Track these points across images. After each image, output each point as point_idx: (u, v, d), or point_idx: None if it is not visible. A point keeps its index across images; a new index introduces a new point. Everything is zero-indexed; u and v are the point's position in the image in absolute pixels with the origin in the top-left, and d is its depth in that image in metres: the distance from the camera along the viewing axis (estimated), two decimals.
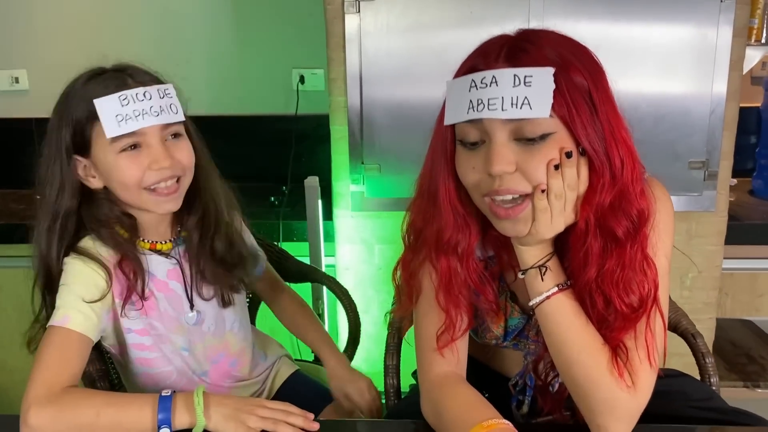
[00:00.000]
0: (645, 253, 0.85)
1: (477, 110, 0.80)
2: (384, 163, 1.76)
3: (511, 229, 0.85)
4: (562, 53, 0.81)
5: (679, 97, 1.71)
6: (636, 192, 0.84)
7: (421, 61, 1.70)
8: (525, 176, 0.81)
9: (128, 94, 0.98)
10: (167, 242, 1.12)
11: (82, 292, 1.01)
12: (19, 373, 2.11)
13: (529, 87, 0.78)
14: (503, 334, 1.01)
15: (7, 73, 2.40)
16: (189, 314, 1.13)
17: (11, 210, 2.22)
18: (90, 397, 0.94)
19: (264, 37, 2.34)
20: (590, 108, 0.80)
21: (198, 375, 1.17)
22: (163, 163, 1.01)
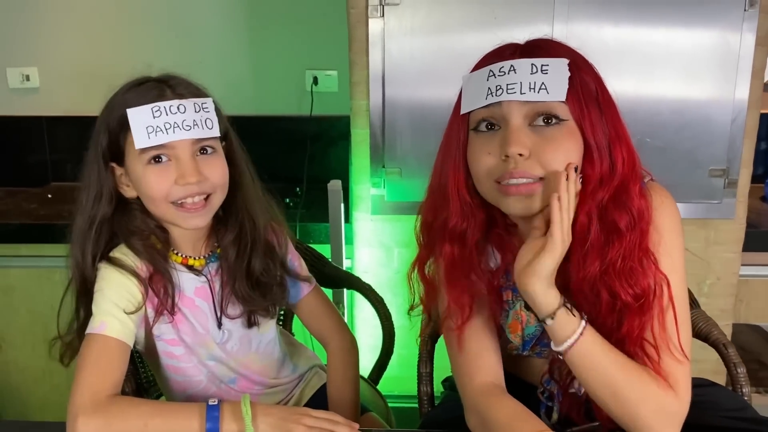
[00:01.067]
0: (644, 247, 0.88)
1: (496, 95, 0.85)
2: (405, 166, 1.76)
3: (521, 206, 0.87)
4: (570, 55, 0.88)
5: (701, 104, 1.71)
6: (635, 190, 0.87)
7: (445, 64, 1.69)
8: (538, 161, 0.85)
9: (162, 105, 0.97)
10: (200, 258, 1.10)
11: (117, 300, 1.00)
12: (31, 372, 2.13)
13: (546, 74, 0.84)
14: (521, 343, 1.01)
15: (18, 71, 2.38)
16: (216, 333, 1.12)
17: (22, 209, 2.20)
18: (137, 407, 0.94)
19: (278, 37, 2.33)
20: (598, 108, 0.87)
21: (225, 383, 1.16)
22: (190, 178, 0.99)
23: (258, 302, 1.11)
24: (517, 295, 1.00)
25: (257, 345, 1.18)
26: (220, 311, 1.11)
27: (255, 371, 1.19)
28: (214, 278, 1.11)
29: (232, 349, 1.14)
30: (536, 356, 1.04)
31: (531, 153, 0.84)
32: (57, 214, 2.12)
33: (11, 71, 2.38)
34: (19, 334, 2.10)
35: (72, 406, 0.90)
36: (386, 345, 1.45)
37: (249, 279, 1.10)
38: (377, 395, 1.43)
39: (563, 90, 0.83)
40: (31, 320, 2.08)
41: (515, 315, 1.00)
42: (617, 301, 0.87)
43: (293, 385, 1.27)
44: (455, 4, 1.67)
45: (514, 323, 1.01)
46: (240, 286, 1.09)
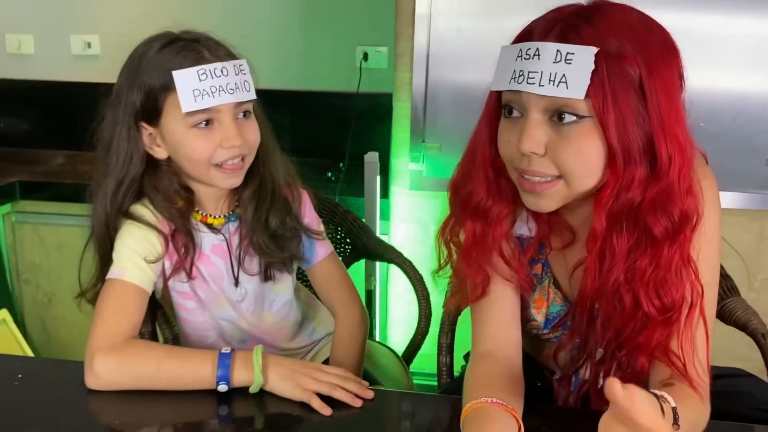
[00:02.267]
0: (685, 256, 0.82)
1: (517, 82, 0.80)
2: (445, 142, 1.75)
3: (534, 203, 0.84)
4: (619, 37, 0.77)
5: (760, 90, 1.63)
6: (682, 190, 0.80)
7: (491, 44, 1.62)
8: (553, 161, 0.80)
9: (207, 69, 0.97)
10: (220, 217, 1.11)
11: (138, 249, 1.03)
12: (78, 328, 2.21)
13: (569, 65, 0.76)
14: (544, 321, 0.98)
15: (80, 38, 2.47)
16: (232, 291, 1.13)
17: (78, 171, 2.28)
18: (152, 349, 0.97)
19: (329, 13, 2.34)
20: (637, 98, 0.77)
21: (236, 343, 1.18)
22: (235, 141, 1.00)
23: (275, 254, 1.12)
24: (547, 271, 0.97)
25: (270, 304, 1.19)
26: (238, 268, 1.12)
27: (268, 333, 1.20)
28: (233, 237, 1.12)
29: (247, 309, 1.16)
30: (555, 340, 1.00)
31: (547, 150, 0.80)
32: None
33: (74, 38, 2.47)
34: (69, 290, 2.17)
35: (89, 347, 0.94)
36: (422, 325, 1.41)
37: (267, 231, 1.11)
38: (405, 373, 1.41)
39: (583, 86, 0.76)
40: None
41: (542, 290, 0.98)
42: (639, 310, 0.82)
43: (306, 351, 1.28)
44: None
45: (539, 299, 0.98)
46: (258, 237, 1.10)
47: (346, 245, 1.54)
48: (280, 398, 0.92)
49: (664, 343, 0.84)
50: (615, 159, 0.78)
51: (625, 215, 0.80)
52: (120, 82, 1.04)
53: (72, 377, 0.95)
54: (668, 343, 0.84)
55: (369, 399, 0.93)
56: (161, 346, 1.09)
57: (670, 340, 0.84)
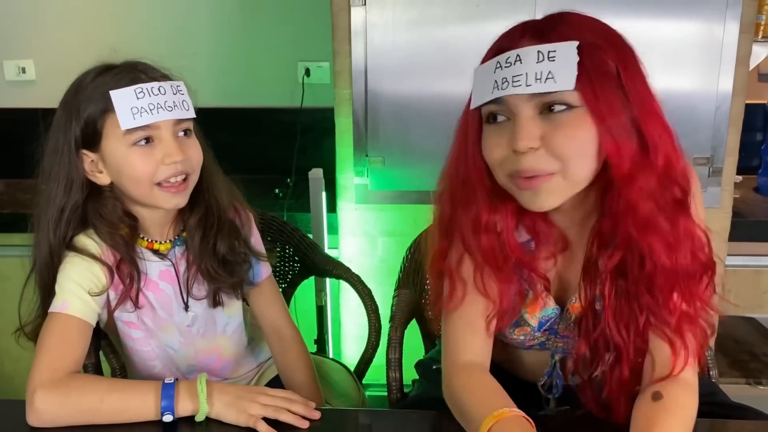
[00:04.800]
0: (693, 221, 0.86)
1: (501, 88, 0.81)
2: (388, 156, 1.77)
3: (532, 201, 0.84)
4: (589, 33, 0.82)
5: (684, 92, 1.70)
6: (679, 163, 0.85)
7: (427, 54, 1.70)
8: (550, 151, 0.81)
9: (144, 87, 0.97)
10: (166, 242, 1.10)
11: (80, 281, 1.01)
12: (25, 362, 2.12)
13: (553, 61, 0.79)
14: (536, 324, 0.99)
15: (14, 63, 2.41)
16: (182, 316, 1.13)
17: (17, 200, 2.23)
18: (94, 383, 0.96)
19: (270, 29, 2.34)
20: (618, 87, 0.81)
21: (183, 373, 1.16)
22: (176, 156, 0.99)
23: (224, 279, 1.11)
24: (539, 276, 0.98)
25: (224, 327, 1.18)
26: (187, 294, 1.12)
27: (220, 359, 1.19)
28: (180, 261, 1.12)
29: (198, 332, 1.15)
30: (539, 347, 1.02)
31: (542, 142, 0.81)
32: None
33: (7, 64, 2.41)
34: (12, 323, 2.11)
35: (31, 382, 0.92)
36: (372, 339, 1.42)
37: (215, 257, 1.10)
38: (355, 386, 1.42)
39: (572, 78, 0.78)
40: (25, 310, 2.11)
41: (535, 295, 0.98)
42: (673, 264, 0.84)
43: (252, 376, 1.28)
44: None
45: (533, 303, 0.98)
46: (206, 264, 1.09)
47: (294, 263, 1.55)
48: (227, 425, 0.92)
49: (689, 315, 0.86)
50: (614, 137, 0.79)
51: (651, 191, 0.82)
52: (58, 113, 1.04)
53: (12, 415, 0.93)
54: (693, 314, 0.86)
55: (316, 419, 0.93)
56: (103, 379, 1.07)
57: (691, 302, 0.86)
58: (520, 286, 0.95)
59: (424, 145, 1.72)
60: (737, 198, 1.98)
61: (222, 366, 1.20)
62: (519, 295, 0.96)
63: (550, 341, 1.01)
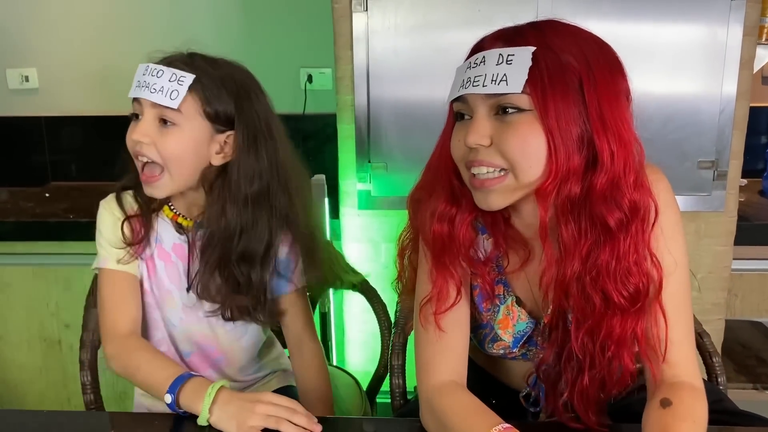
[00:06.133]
0: (642, 249, 0.85)
1: (465, 87, 0.85)
2: (391, 161, 1.76)
3: (483, 200, 0.87)
4: (560, 41, 0.83)
5: (688, 96, 1.69)
6: (629, 183, 0.83)
7: (429, 60, 1.69)
8: (499, 150, 0.84)
9: (150, 66, 1.03)
10: (189, 220, 1.13)
11: (108, 235, 1.11)
12: (28, 370, 2.15)
13: (510, 65, 0.82)
14: (512, 340, 0.99)
15: (17, 72, 2.41)
16: (184, 294, 1.15)
17: (21, 208, 2.22)
18: (139, 351, 1.06)
19: (272, 36, 2.35)
20: (577, 98, 0.82)
21: (181, 355, 1.18)
22: (135, 135, 1.04)
23: (230, 298, 1.11)
24: (508, 290, 0.99)
25: (225, 323, 1.17)
26: (195, 274, 1.12)
27: (221, 350, 1.19)
28: (196, 242, 1.13)
29: (200, 318, 1.15)
30: (522, 358, 1.02)
31: (492, 142, 0.84)
32: (53, 213, 2.14)
33: (11, 72, 2.41)
34: (15, 331, 2.12)
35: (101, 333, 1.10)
36: (386, 357, 1.36)
37: (220, 270, 1.10)
38: (359, 394, 1.41)
39: (521, 81, 0.81)
40: (28, 317, 2.11)
41: (506, 310, 0.99)
42: (609, 307, 0.85)
43: (251, 383, 1.27)
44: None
45: (504, 319, 0.99)
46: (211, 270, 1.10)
47: None
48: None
49: (641, 336, 0.87)
50: (553, 149, 0.81)
51: (572, 208, 0.84)
52: None
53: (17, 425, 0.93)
54: (642, 334, 0.87)
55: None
56: (149, 350, 1.08)
57: (644, 331, 0.87)
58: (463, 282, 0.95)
59: (426, 150, 1.68)
60: (742, 201, 1.97)
61: (217, 357, 1.20)
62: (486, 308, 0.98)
63: (531, 352, 1.01)
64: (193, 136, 1.05)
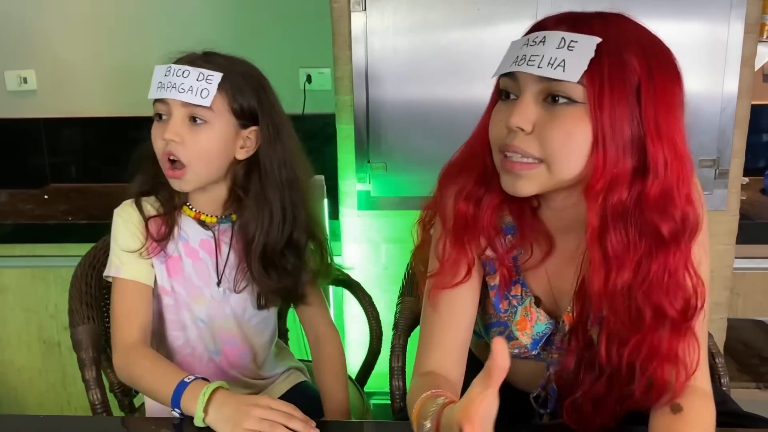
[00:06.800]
0: (688, 263, 0.83)
1: (518, 64, 0.81)
2: (390, 161, 1.75)
3: (512, 184, 0.84)
4: (624, 37, 0.80)
5: (689, 94, 1.62)
6: (681, 196, 0.80)
7: (428, 59, 1.69)
8: (539, 139, 0.80)
9: (173, 67, 1.04)
10: (212, 216, 1.15)
11: (123, 243, 1.11)
12: (27, 372, 2.14)
13: (571, 51, 0.78)
14: (531, 342, 0.96)
15: (16, 74, 2.41)
16: (214, 289, 1.16)
17: (19, 210, 2.22)
18: (143, 360, 1.06)
19: (271, 36, 2.34)
20: (633, 99, 0.78)
21: (210, 352, 1.19)
22: (167, 135, 1.04)
23: (266, 283, 1.14)
24: (526, 290, 0.96)
25: (250, 316, 1.20)
26: (224, 267, 1.15)
27: (247, 344, 1.21)
28: (222, 237, 1.15)
29: (231, 312, 1.18)
30: (535, 358, 0.99)
31: (535, 129, 0.80)
32: (51, 215, 2.14)
33: (9, 74, 2.41)
34: (14, 333, 2.12)
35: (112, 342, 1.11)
36: (374, 346, 1.43)
37: (260, 259, 1.12)
38: (358, 395, 1.41)
39: (580, 71, 0.77)
40: (26, 320, 2.10)
41: (524, 311, 0.96)
42: (662, 319, 0.82)
43: (268, 383, 1.28)
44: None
45: (522, 320, 0.96)
46: (250, 263, 1.13)
47: None
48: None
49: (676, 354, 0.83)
50: (602, 147, 0.78)
51: (623, 214, 0.80)
52: None
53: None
54: (679, 352, 0.83)
55: None
56: (151, 357, 1.08)
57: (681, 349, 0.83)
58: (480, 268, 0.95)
59: (426, 150, 1.70)
60: (744, 200, 1.96)
61: (243, 352, 1.21)
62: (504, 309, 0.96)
63: (545, 352, 0.98)
64: (223, 132, 1.08)
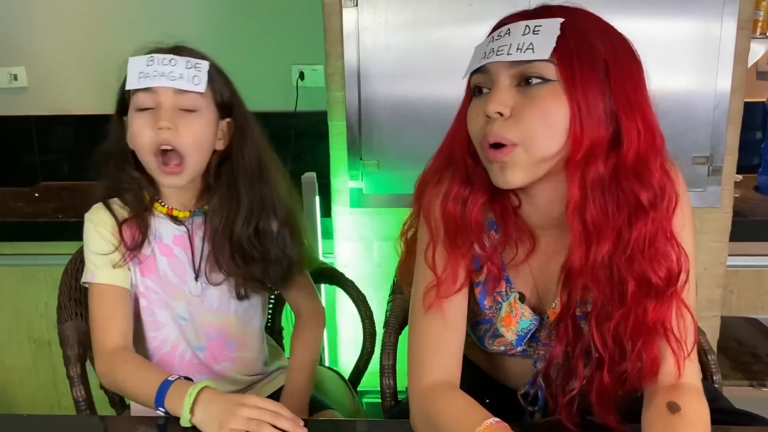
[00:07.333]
0: (669, 231, 0.84)
1: (487, 57, 0.83)
2: (383, 159, 1.74)
3: (501, 175, 0.84)
4: (586, 22, 0.83)
5: (682, 91, 1.68)
6: (656, 165, 0.82)
7: (420, 56, 1.68)
8: (518, 121, 0.81)
9: (156, 56, 1.02)
10: (185, 211, 1.13)
11: (95, 248, 1.09)
12: (17, 371, 2.13)
13: (537, 35, 0.80)
14: (515, 338, 0.97)
15: (6, 71, 2.39)
16: (194, 284, 1.14)
17: (10, 208, 2.20)
18: (125, 364, 1.05)
19: (263, 32, 2.33)
20: (603, 75, 0.80)
21: (194, 348, 1.17)
22: (163, 123, 1.02)
23: (240, 270, 1.13)
24: (511, 287, 0.96)
25: (236, 308, 1.19)
26: (200, 262, 1.14)
27: (232, 337, 1.19)
28: (196, 231, 1.14)
29: (210, 306, 1.16)
30: (521, 355, 1.00)
31: (512, 113, 0.82)
32: (42, 213, 2.12)
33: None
34: (4, 333, 2.10)
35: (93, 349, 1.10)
36: (367, 345, 1.41)
37: (231, 245, 1.12)
38: (350, 395, 1.40)
39: (549, 48, 0.79)
40: (16, 319, 2.09)
41: (509, 307, 0.96)
42: (645, 288, 0.83)
43: (255, 381, 1.27)
44: None
45: (507, 317, 0.96)
46: (220, 249, 1.12)
47: None
48: None
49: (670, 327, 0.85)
50: (579, 120, 0.79)
51: (601, 184, 0.81)
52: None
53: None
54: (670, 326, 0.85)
55: None
56: (134, 361, 1.08)
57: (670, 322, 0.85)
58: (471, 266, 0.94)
59: (419, 148, 1.67)
60: (737, 197, 1.96)
61: (227, 342, 1.20)
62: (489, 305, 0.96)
63: (531, 348, 0.99)
64: (210, 121, 1.08)
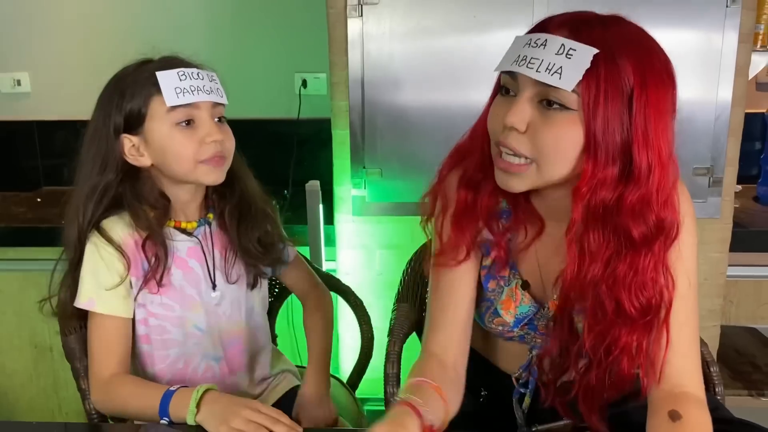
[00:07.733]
0: (660, 265, 0.87)
1: (518, 64, 0.84)
2: (386, 167, 1.75)
3: (505, 182, 0.89)
4: (625, 48, 0.82)
5: (683, 102, 1.65)
6: (660, 201, 0.84)
7: (424, 65, 1.69)
8: (532, 140, 0.84)
9: (186, 71, 1.05)
10: (192, 221, 1.16)
11: (98, 277, 1.08)
12: (18, 376, 2.13)
13: (569, 59, 0.81)
14: (513, 320, 1.01)
15: (9, 76, 2.40)
16: (212, 294, 1.17)
17: (12, 213, 2.21)
18: (124, 387, 1.06)
19: (266, 41, 2.34)
20: (625, 105, 0.81)
21: (210, 359, 1.19)
22: (216, 136, 1.06)
23: (262, 258, 1.20)
24: (515, 273, 1.01)
25: (249, 311, 1.23)
26: (214, 271, 1.17)
27: (247, 341, 1.22)
28: (206, 240, 1.17)
29: (224, 313, 1.19)
30: (518, 339, 1.04)
31: (528, 129, 0.84)
32: (44, 218, 2.13)
33: (2, 76, 2.40)
34: (5, 337, 2.10)
35: (89, 380, 1.11)
36: (365, 349, 1.43)
37: (252, 239, 1.18)
38: (352, 400, 1.41)
39: (574, 80, 0.80)
40: (18, 324, 2.09)
41: (510, 292, 1.01)
42: (620, 316, 0.87)
43: (262, 389, 1.28)
44: (434, 4, 1.66)
45: (507, 300, 1.01)
46: (245, 245, 1.17)
47: None
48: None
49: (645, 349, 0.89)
50: (592, 152, 0.82)
51: (602, 215, 0.84)
52: (100, 101, 1.10)
53: None
54: (648, 350, 0.89)
55: None
56: (132, 383, 1.09)
57: (649, 346, 0.89)
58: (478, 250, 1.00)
59: (422, 156, 1.70)
60: (737, 208, 1.97)
61: (242, 350, 1.22)
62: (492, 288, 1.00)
63: (528, 335, 1.03)
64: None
